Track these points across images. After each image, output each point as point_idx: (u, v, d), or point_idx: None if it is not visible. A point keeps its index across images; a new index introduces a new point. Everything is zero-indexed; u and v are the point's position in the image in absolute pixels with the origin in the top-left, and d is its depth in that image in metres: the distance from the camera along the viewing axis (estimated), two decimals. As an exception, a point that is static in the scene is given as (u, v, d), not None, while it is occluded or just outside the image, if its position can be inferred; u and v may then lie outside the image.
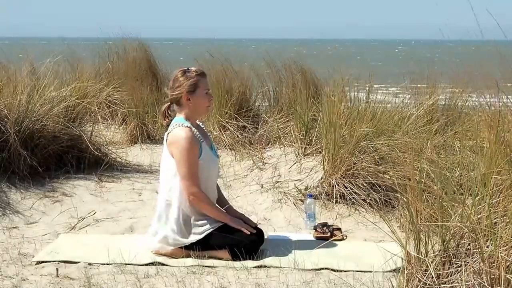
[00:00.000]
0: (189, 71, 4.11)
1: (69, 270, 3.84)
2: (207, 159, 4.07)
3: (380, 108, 5.88)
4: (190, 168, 3.96)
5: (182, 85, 4.07)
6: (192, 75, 4.09)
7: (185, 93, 4.07)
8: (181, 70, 4.14)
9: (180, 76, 4.10)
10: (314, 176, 5.36)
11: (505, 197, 3.08)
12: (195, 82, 4.08)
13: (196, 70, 4.14)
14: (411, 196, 3.17)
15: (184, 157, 3.96)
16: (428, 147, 4.69)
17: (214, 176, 4.23)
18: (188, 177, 3.96)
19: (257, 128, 6.90)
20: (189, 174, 3.96)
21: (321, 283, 3.61)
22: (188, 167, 3.96)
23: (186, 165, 3.96)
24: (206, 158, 4.07)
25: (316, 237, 4.47)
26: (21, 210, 5.06)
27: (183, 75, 4.10)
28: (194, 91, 4.08)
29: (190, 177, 3.96)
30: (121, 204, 5.31)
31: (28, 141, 5.54)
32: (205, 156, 4.07)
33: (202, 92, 4.10)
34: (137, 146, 7.28)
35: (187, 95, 4.07)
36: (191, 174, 3.96)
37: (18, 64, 6.45)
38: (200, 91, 4.09)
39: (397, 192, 4.48)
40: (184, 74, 4.10)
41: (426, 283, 3.04)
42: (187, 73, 4.10)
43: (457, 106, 7.02)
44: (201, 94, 4.10)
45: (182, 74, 4.10)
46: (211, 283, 3.63)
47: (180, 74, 4.11)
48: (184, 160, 3.96)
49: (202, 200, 4.00)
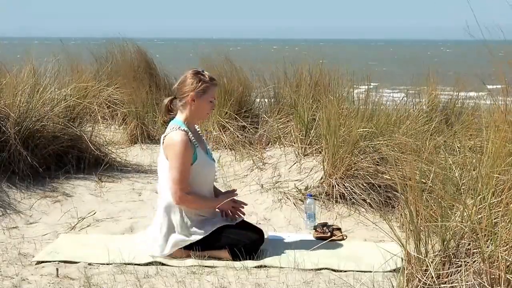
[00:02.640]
0: (203, 75, 4.13)
1: (69, 270, 3.84)
2: (202, 164, 4.07)
3: (379, 108, 5.88)
4: (182, 173, 3.95)
5: (193, 85, 4.08)
6: (206, 79, 4.11)
7: (193, 94, 4.07)
8: (196, 70, 4.16)
9: (194, 75, 4.11)
10: (314, 176, 5.36)
11: (506, 197, 3.08)
12: (205, 88, 4.10)
13: (210, 76, 4.17)
14: (411, 196, 3.17)
15: (177, 161, 3.96)
16: (428, 147, 4.68)
17: (210, 180, 4.23)
18: (177, 182, 3.95)
19: (257, 128, 6.90)
20: (179, 179, 3.95)
21: (321, 283, 3.61)
22: (180, 172, 3.95)
23: (178, 170, 3.95)
24: (201, 162, 4.07)
25: (316, 237, 4.47)
26: (21, 210, 5.06)
27: (196, 75, 4.11)
28: (201, 95, 4.09)
29: (180, 182, 3.95)
30: (121, 204, 5.31)
31: (28, 141, 5.54)
32: (201, 160, 4.06)
33: (208, 99, 4.12)
34: (137, 146, 7.29)
35: (194, 96, 4.08)
36: (182, 179, 3.95)
37: (18, 64, 6.45)
38: (207, 98, 4.11)
39: (397, 192, 4.49)
40: (198, 76, 4.11)
41: (426, 283, 3.04)
42: (201, 76, 4.12)
43: (456, 106, 7.03)
44: (206, 101, 4.12)
45: (196, 75, 4.12)
46: (211, 283, 3.63)
47: (194, 74, 4.13)
48: (177, 165, 3.95)
49: (191, 202, 4.01)
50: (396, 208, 4.82)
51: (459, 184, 3.53)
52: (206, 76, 4.13)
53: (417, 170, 3.69)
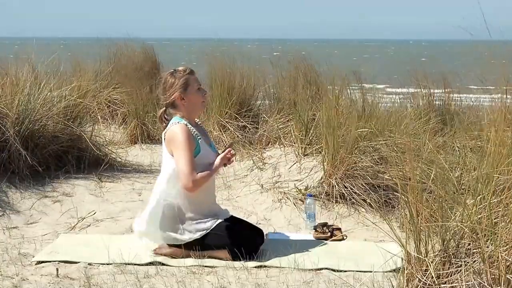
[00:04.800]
0: (177, 72, 4.13)
1: (69, 270, 3.84)
2: (206, 156, 4.06)
3: (378, 108, 5.88)
4: (189, 161, 3.93)
5: (173, 87, 4.08)
6: (181, 75, 4.10)
7: (178, 94, 4.07)
8: (169, 72, 4.16)
9: (169, 78, 4.11)
10: (314, 176, 5.36)
11: (506, 197, 3.08)
12: (185, 81, 4.09)
13: (183, 69, 4.15)
14: (411, 196, 3.17)
15: (182, 150, 3.94)
16: (428, 147, 4.68)
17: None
18: (187, 172, 3.92)
19: (257, 128, 6.90)
20: (188, 168, 3.92)
21: (321, 283, 3.61)
22: (187, 161, 3.93)
23: (185, 159, 3.93)
24: (205, 154, 4.06)
25: (316, 237, 4.47)
26: (21, 210, 5.06)
27: (171, 76, 4.11)
28: (186, 90, 4.08)
29: (189, 172, 3.92)
30: (121, 204, 5.31)
31: (28, 141, 5.54)
32: (204, 152, 4.06)
33: (194, 89, 4.11)
34: (137, 146, 7.29)
35: (180, 95, 4.07)
36: (190, 168, 3.93)
37: (18, 64, 6.45)
38: (192, 88, 4.10)
39: (397, 192, 4.48)
40: (173, 76, 4.11)
41: (426, 283, 3.04)
42: (175, 73, 4.12)
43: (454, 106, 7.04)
44: (194, 91, 4.10)
45: (170, 76, 4.12)
46: (211, 283, 3.63)
47: (168, 76, 4.13)
48: (182, 153, 3.94)
49: (201, 182, 3.97)
50: (396, 208, 4.81)
51: (459, 184, 3.53)
52: (180, 72, 4.12)
53: (417, 170, 3.69)
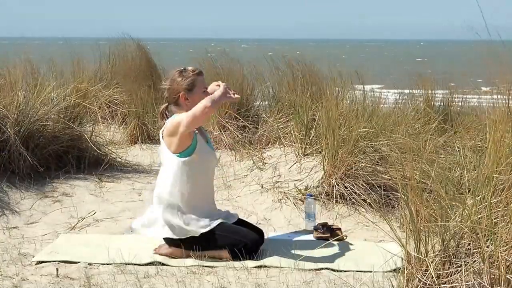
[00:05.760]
0: (186, 71, 4.11)
1: (69, 270, 3.84)
2: (202, 151, 4.05)
3: (378, 108, 5.88)
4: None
5: (180, 85, 4.07)
6: (189, 75, 4.08)
7: (183, 93, 4.06)
8: (178, 70, 4.13)
9: (177, 76, 4.10)
10: (314, 176, 5.36)
11: (506, 197, 3.08)
12: (192, 82, 4.07)
13: (193, 69, 4.13)
14: (411, 196, 3.17)
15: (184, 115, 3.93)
16: (428, 147, 4.69)
17: (211, 170, 4.22)
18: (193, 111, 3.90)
19: (257, 128, 6.90)
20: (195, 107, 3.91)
21: (321, 283, 3.61)
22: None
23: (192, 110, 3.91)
24: (201, 149, 4.04)
25: (316, 237, 4.47)
26: (21, 210, 5.06)
27: (180, 75, 4.09)
28: (191, 90, 4.07)
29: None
30: (121, 204, 5.31)
31: (28, 141, 5.54)
32: (201, 147, 4.04)
33: (199, 91, 4.09)
34: (137, 146, 7.29)
35: (185, 94, 4.07)
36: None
37: (18, 64, 6.45)
38: (198, 90, 4.08)
39: (397, 192, 4.49)
40: (181, 74, 4.09)
41: (426, 283, 3.04)
42: (184, 72, 4.10)
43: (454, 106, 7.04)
44: (199, 93, 4.08)
45: (179, 74, 4.10)
46: (211, 283, 3.63)
47: (177, 74, 4.11)
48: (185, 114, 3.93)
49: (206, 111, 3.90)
50: (396, 208, 4.81)
51: (459, 184, 3.53)
52: (189, 71, 4.10)
53: (417, 170, 3.69)
